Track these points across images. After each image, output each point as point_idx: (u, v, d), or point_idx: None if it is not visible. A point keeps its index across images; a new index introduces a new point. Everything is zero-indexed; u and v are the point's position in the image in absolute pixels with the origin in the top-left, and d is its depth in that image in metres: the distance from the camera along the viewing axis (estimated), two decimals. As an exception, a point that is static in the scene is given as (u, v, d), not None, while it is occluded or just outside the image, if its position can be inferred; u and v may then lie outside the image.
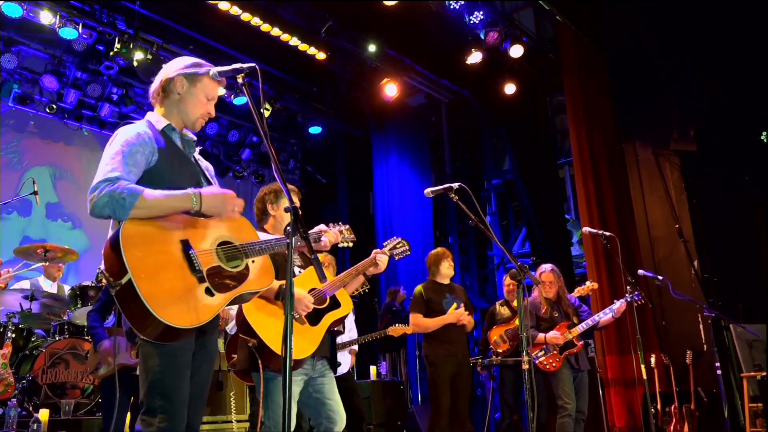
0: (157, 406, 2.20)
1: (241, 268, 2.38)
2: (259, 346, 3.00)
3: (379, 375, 7.80)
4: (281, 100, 9.79)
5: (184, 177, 2.43)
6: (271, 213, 3.45)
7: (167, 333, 2.14)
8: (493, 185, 10.93)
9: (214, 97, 2.57)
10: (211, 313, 2.23)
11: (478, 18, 8.26)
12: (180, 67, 2.53)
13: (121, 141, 2.33)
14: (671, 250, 7.48)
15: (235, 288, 2.33)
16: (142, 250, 2.16)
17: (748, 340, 6.10)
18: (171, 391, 2.22)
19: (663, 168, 7.91)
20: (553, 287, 5.35)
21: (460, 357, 5.27)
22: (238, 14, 7.70)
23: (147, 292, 2.09)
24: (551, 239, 8.83)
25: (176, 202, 2.25)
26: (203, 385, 2.45)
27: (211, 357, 2.48)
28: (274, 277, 2.51)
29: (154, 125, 2.48)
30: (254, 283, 2.41)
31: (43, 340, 5.68)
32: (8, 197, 6.77)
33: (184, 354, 2.29)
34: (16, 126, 8.60)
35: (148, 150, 2.36)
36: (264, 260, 2.50)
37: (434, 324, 5.22)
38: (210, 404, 5.34)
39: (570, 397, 5.11)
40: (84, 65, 8.48)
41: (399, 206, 10.25)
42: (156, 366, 2.23)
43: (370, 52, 8.80)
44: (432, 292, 5.35)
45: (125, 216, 2.16)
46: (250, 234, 2.49)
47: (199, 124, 2.59)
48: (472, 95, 10.19)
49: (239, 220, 2.47)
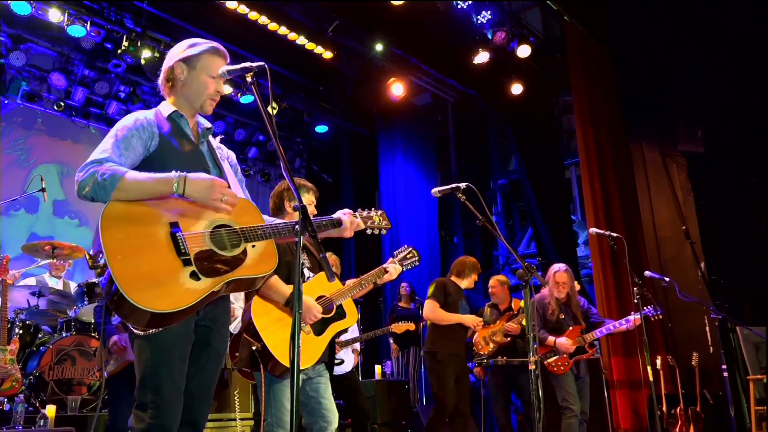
0: (148, 401, 2.16)
1: (237, 252, 2.27)
2: (262, 351, 2.98)
3: (384, 374, 7.80)
4: (287, 98, 9.80)
5: (188, 163, 2.35)
6: (288, 210, 3.40)
7: (153, 320, 2.07)
8: (499, 185, 10.90)
9: (217, 73, 2.47)
10: (193, 298, 2.12)
11: (486, 18, 8.25)
12: (176, 54, 2.48)
13: (118, 126, 2.33)
14: (678, 252, 7.45)
15: (227, 273, 2.22)
16: (123, 232, 2.10)
17: (755, 343, 6.06)
18: (162, 386, 2.17)
19: (670, 169, 7.88)
20: (565, 288, 5.34)
21: (462, 358, 5.31)
22: (245, 13, 7.72)
23: (121, 274, 2.02)
24: (557, 240, 8.81)
25: (158, 185, 2.17)
26: (209, 384, 2.39)
27: (217, 354, 2.41)
28: (276, 263, 2.38)
29: (161, 112, 2.45)
30: (251, 268, 2.29)
31: (50, 336, 5.70)
32: (16, 194, 6.81)
33: (176, 347, 2.22)
34: (24, 123, 8.64)
35: (146, 134, 2.32)
36: (266, 245, 2.37)
37: (451, 318, 5.25)
38: (214, 402, 5.36)
39: (575, 399, 5.11)
40: (92, 63, 8.51)
41: (405, 205, 10.24)
42: (147, 360, 2.19)
43: (377, 51, 8.80)
44: (452, 290, 5.39)
45: (107, 197, 2.12)
46: (254, 218, 2.39)
47: (209, 106, 2.51)
48: (478, 95, 10.17)
49: (243, 204, 2.39)
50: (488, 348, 5.88)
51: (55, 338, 5.48)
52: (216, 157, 2.55)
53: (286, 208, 3.41)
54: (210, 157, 2.52)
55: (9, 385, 4.68)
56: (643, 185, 7.99)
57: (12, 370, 4.70)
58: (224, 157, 2.62)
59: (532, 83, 9.36)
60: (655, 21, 7.73)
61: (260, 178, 10.77)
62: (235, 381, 5.42)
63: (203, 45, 2.48)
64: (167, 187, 2.18)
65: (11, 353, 4.77)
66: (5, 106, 8.32)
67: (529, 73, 9.30)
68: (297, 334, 2.02)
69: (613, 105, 8.07)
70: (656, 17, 7.70)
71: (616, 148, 7.88)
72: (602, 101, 8.02)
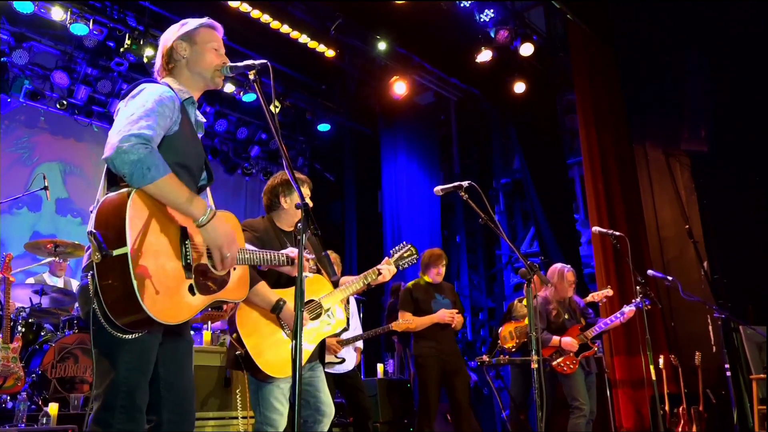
0: (119, 405, 2.03)
1: (223, 273, 2.28)
2: (245, 357, 2.98)
3: (386, 373, 7.80)
4: (290, 97, 9.79)
5: (192, 156, 2.34)
6: (284, 206, 3.33)
7: (143, 323, 2.00)
8: (502, 184, 10.89)
9: (219, 46, 2.46)
10: (190, 314, 2.12)
11: (489, 16, 8.23)
12: (172, 35, 2.46)
13: (155, 97, 2.16)
14: (681, 251, 7.44)
15: (215, 293, 2.23)
16: (146, 225, 2.00)
17: (758, 342, 6.05)
18: (135, 391, 2.07)
19: (673, 168, 7.86)
20: (572, 287, 5.34)
21: (447, 355, 5.25)
22: (248, 11, 7.71)
23: (140, 276, 1.93)
24: (560, 239, 8.79)
25: (188, 204, 2.10)
26: (191, 377, 2.35)
27: (190, 346, 2.38)
28: (247, 291, 2.43)
29: (178, 94, 2.31)
30: (232, 292, 2.31)
31: (53, 334, 5.71)
32: (19, 192, 6.81)
33: (152, 352, 2.14)
34: (27, 122, 8.65)
35: (174, 116, 2.21)
36: (243, 271, 2.39)
37: (421, 323, 5.21)
38: (216, 400, 5.36)
39: (585, 399, 5.11)
40: (94, 61, 8.51)
41: (407, 204, 10.23)
42: (123, 363, 2.05)
43: (380, 50, 8.78)
44: (421, 292, 5.35)
45: (139, 185, 2.00)
46: (240, 239, 2.42)
47: (219, 78, 2.44)
48: (481, 94, 10.15)
49: (234, 223, 2.40)
50: (513, 342, 5.87)
51: (57, 336, 5.48)
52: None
53: (282, 203, 3.33)
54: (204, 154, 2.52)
55: (11, 383, 4.69)
56: (646, 185, 7.98)
57: (14, 368, 4.71)
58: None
59: (535, 82, 9.34)
60: (659, 20, 7.71)
61: (263, 177, 10.77)
62: (237, 379, 5.42)
63: (197, 20, 2.48)
64: (195, 213, 2.13)
65: (14, 351, 4.77)
66: (8, 104, 8.32)
67: (532, 72, 9.28)
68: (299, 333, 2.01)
69: (616, 104, 8.06)
70: (659, 16, 7.68)
71: (619, 148, 7.87)
72: (605, 100, 8.00)
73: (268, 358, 3.01)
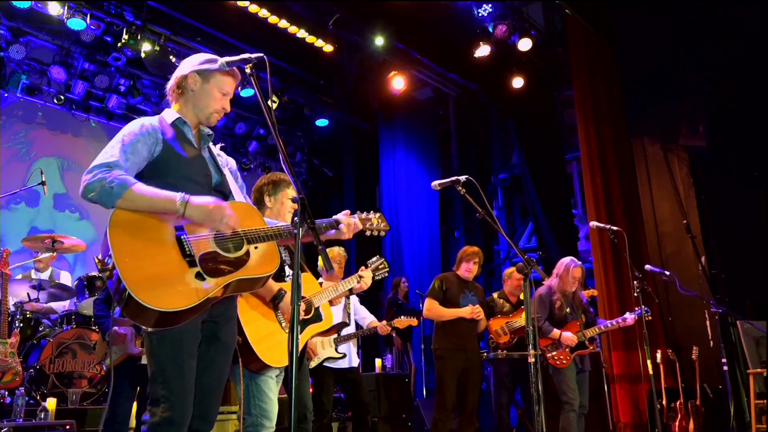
0: (160, 396, 2.22)
1: (240, 254, 2.36)
2: (242, 345, 2.99)
3: (385, 368, 7.82)
4: (288, 92, 9.78)
5: (191, 169, 2.44)
6: (268, 205, 3.43)
7: (161, 319, 2.14)
8: (500, 179, 10.89)
9: (228, 92, 2.56)
10: (199, 297, 2.19)
11: (487, 11, 8.22)
12: (194, 64, 2.54)
13: (125, 131, 2.37)
14: (679, 246, 7.43)
15: (231, 273, 2.30)
16: (131, 235, 2.18)
17: (755, 337, 6.06)
18: (172, 381, 2.23)
19: (671, 163, 7.85)
20: (576, 283, 5.34)
21: (469, 352, 5.27)
22: (245, 6, 7.70)
23: (129, 275, 2.10)
24: (558, 234, 8.80)
25: (161, 203, 2.23)
26: (219, 377, 2.45)
27: (226, 348, 2.48)
28: (278, 264, 2.48)
29: (165, 118, 2.50)
30: (254, 268, 2.38)
31: (51, 329, 5.71)
32: (16, 188, 6.81)
33: (186, 343, 2.29)
34: (25, 117, 8.64)
35: (151, 140, 2.37)
36: (268, 247, 2.47)
37: (449, 314, 5.24)
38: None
39: (574, 393, 5.11)
40: (92, 56, 8.49)
41: (406, 200, 10.24)
42: (158, 356, 2.25)
43: (378, 45, 8.77)
44: (452, 285, 5.37)
45: (111, 204, 2.18)
46: (255, 221, 2.48)
47: (214, 119, 2.58)
48: (479, 89, 10.15)
49: (246, 208, 2.48)
50: (506, 338, 5.87)
51: (55, 331, 5.49)
52: (218, 163, 2.61)
53: (266, 202, 3.44)
54: (212, 163, 2.58)
55: (10, 378, 4.69)
56: (644, 180, 7.97)
57: (13, 363, 4.71)
58: (224, 164, 2.66)
59: (534, 77, 9.33)
60: (658, 15, 7.70)
61: (261, 172, 10.75)
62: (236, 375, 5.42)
63: (220, 62, 2.54)
64: (171, 206, 2.24)
65: (12, 346, 4.78)
66: (5, 99, 8.31)
67: (530, 67, 9.27)
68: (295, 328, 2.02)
69: (615, 99, 8.05)
70: (659, 11, 7.67)
71: (617, 143, 7.86)
72: (604, 95, 7.99)
73: (266, 347, 3.04)
